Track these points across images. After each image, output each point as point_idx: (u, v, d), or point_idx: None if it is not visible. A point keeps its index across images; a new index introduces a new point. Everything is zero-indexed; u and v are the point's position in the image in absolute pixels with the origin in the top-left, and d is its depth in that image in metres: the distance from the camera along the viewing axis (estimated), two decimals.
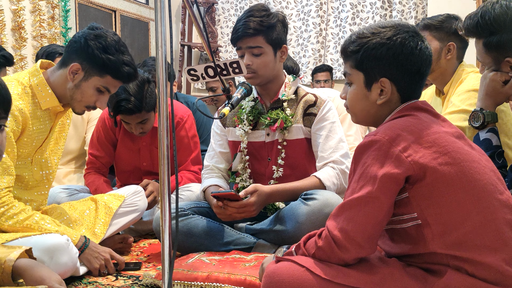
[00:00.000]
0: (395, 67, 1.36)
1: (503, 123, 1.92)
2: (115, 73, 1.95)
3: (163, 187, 1.35)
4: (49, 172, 2.12)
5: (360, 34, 1.41)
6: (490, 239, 1.22)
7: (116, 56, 1.93)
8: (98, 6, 4.40)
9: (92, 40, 1.91)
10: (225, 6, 5.91)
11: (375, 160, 1.25)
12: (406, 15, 5.10)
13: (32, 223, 1.87)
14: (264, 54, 2.15)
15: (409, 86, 1.38)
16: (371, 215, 1.24)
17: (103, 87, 1.97)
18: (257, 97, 2.28)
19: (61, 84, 1.97)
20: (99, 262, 1.94)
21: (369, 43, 1.37)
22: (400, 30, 1.37)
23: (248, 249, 2.09)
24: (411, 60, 1.35)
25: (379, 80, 1.37)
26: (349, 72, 1.43)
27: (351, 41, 1.42)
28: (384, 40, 1.36)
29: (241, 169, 2.28)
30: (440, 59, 2.25)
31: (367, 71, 1.39)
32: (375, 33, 1.38)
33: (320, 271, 1.25)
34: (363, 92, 1.41)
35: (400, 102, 1.39)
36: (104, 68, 1.93)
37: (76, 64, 1.93)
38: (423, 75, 1.39)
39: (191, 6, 1.64)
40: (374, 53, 1.36)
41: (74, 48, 1.95)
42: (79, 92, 1.96)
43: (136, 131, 2.57)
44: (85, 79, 1.94)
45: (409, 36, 1.36)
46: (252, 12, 2.15)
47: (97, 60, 1.91)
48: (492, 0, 1.67)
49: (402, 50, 1.35)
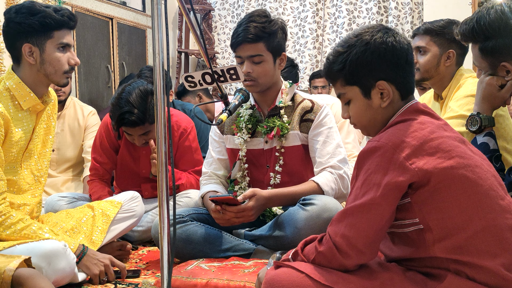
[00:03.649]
0: (386, 66, 1.35)
1: (501, 128, 1.93)
2: (57, 24, 1.96)
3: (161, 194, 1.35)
4: (41, 175, 2.12)
5: (337, 52, 1.40)
6: (491, 244, 1.22)
7: (43, 11, 1.94)
8: (95, 14, 4.40)
9: (18, 16, 1.93)
10: (221, 13, 5.93)
11: (378, 167, 1.25)
12: (402, 20, 5.12)
13: (30, 232, 1.86)
14: (264, 62, 2.15)
15: (405, 80, 1.37)
16: (373, 221, 1.23)
17: (60, 44, 1.98)
18: (254, 104, 2.28)
19: (30, 74, 1.98)
20: (99, 268, 1.93)
21: (351, 56, 1.36)
22: (373, 31, 1.37)
23: (247, 256, 2.09)
24: (397, 53, 1.35)
25: (375, 85, 1.36)
26: (342, 91, 1.42)
27: (332, 61, 1.41)
28: (364, 46, 1.35)
29: (240, 177, 2.28)
30: (439, 66, 2.26)
31: (361, 82, 1.37)
32: (352, 44, 1.37)
33: (319, 277, 1.25)
34: (364, 103, 1.39)
35: (401, 99, 1.38)
36: (46, 28, 1.94)
37: (25, 45, 1.94)
38: (411, 63, 1.39)
39: (188, 13, 1.65)
40: (360, 62, 1.35)
41: (11, 35, 1.96)
42: (47, 65, 1.97)
43: (139, 142, 2.56)
44: (42, 50, 1.96)
45: (384, 33, 1.36)
46: (253, 18, 2.14)
47: (35, 26, 1.93)
48: (487, 5, 1.68)
49: (385, 48, 1.34)
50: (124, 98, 2.45)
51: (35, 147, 2.08)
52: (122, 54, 4.70)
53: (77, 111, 3.30)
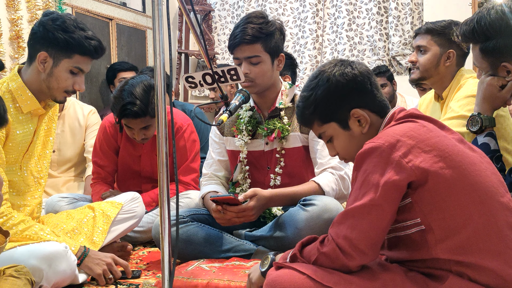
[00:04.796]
0: (353, 95, 1.40)
1: (502, 128, 1.93)
2: (81, 50, 1.94)
3: (162, 194, 1.35)
4: (40, 176, 2.12)
5: (303, 97, 1.46)
6: (492, 242, 1.22)
7: (78, 33, 1.92)
8: (95, 15, 4.40)
9: (50, 25, 1.91)
10: (221, 14, 5.93)
11: (376, 167, 1.25)
12: (402, 20, 5.12)
13: (31, 233, 1.86)
14: (262, 63, 2.15)
15: (376, 100, 1.42)
16: (374, 222, 1.24)
17: (75, 68, 1.96)
18: (253, 106, 2.28)
19: (35, 79, 1.96)
20: (101, 267, 1.93)
21: (318, 96, 1.41)
22: (330, 67, 1.43)
23: (247, 256, 2.09)
24: (359, 80, 1.40)
25: (350, 115, 1.40)
26: (321, 131, 1.46)
27: (302, 107, 1.46)
28: (327, 84, 1.41)
29: (241, 179, 2.28)
30: (439, 66, 2.26)
31: (336, 117, 1.42)
32: (314, 86, 1.43)
33: (321, 278, 1.24)
34: (346, 136, 1.43)
35: (380, 118, 1.42)
36: (69, 48, 1.92)
37: (42, 53, 1.92)
38: (376, 84, 1.44)
39: (188, 14, 1.65)
40: (328, 99, 1.41)
41: (36, 38, 1.94)
42: (53, 79, 1.95)
43: (139, 136, 2.56)
44: (55, 64, 1.94)
45: (340, 65, 1.42)
46: (250, 19, 2.14)
47: (60, 42, 1.90)
48: (488, 6, 1.68)
49: (346, 78, 1.40)
50: (127, 90, 2.47)
51: (35, 149, 2.08)
52: (122, 55, 4.70)
53: (77, 111, 3.30)
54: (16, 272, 1.51)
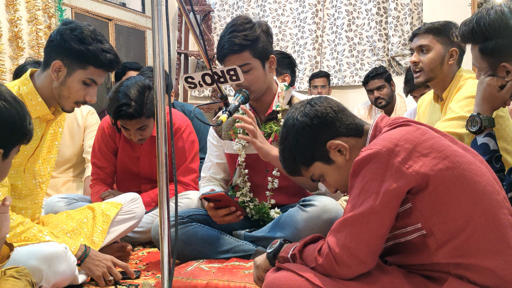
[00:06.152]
0: (322, 129, 1.41)
1: (502, 129, 1.93)
2: (96, 62, 1.93)
3: (161, 194, 1.35)
4: (42, 181, 2.11)
5: (281, 151, 1.49)
6: (492, 242, 1.22)
7: (94, 45, 1.91)
8: (94, 15, 4.41)
9: (68, 34, 1.90)
10: (221, 14, 5.93)
11: (375, 174, 1.24)
12: (402, 21, 5.12)
13: (30, 235, 1.85)
14: (253, 69, 2.13)
15: (347, 124, 1.43)
16: (373, 230, 1.23)
17: (89, 79, 1.95)
18: (250, 109, 2.27)
19: (47, 86, 1.95)
20: (101, 269, 1.93)
21: (291, 145, 1.44)
22: (293, 113, 1.46)
23: (247, 257, 2.09)
24: (321, 113, 1.42)
25: (328, 149, 1.41)
26: (310, 173, 1.47)
27: (284, 160, 1.49)
28: (294, 131, 1.43)
29: (241, 183, 2.27)
30: (443, 64, 2.25)
31: (317, 156, 1.43)
32: (285, 136, 1.46)
33: (320, 281, 1.24)
34: (333, 169, 1.44)
35: (359, 137, 1.43)
36: (85, 59, 1.91)
37: (57, 61, 1.91)
38: (342, 108, 1.46)
39: (188, 14, 1.65)
40: (301, 144, 1.42)
41: (52, 46, 1.93)
42: (65, 89, 1.94)
43: (135, 137, 2.56)
44: (69, 74, 1.93)
45: (300, 106, 1.46)
46: (234, 27, 2.12)
47: (76, 52, 1.90)
48: (487, 6, 1.68)
49: (309, 118, 1.42)
50: (121, 91, 2.47)
51: (40, 153, 2.07)
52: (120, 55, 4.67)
53: (75, 112, 3.29)
54: (17, 273, 1.51)
